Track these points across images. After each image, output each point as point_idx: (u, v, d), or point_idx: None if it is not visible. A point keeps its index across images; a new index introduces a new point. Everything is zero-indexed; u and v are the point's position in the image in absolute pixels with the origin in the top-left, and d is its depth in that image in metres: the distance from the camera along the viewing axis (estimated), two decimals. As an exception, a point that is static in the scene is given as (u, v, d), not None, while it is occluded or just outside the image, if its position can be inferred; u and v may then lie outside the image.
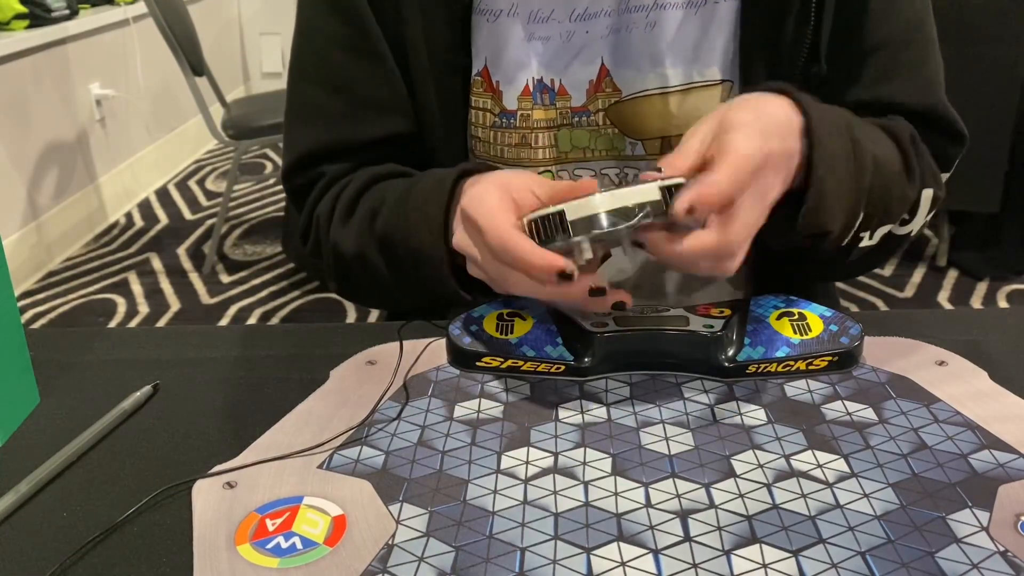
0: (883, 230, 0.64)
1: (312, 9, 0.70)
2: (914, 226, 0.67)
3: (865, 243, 0.64)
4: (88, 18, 2.94)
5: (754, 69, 0.66)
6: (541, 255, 0.49)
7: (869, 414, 0.51)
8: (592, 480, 0.46)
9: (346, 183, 0.70)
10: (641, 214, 0.49)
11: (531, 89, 0.68)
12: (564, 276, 0.49)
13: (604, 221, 0.49)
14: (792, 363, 0.56)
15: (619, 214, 0.49)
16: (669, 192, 0.49)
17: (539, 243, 0.50)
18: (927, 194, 0.66)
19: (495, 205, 0.51)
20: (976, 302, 2.25)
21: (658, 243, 0.51)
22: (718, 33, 0.66)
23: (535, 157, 0.69)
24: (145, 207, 3.18)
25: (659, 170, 0.52)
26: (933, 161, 0.67)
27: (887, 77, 0.67)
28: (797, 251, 0.61)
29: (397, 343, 0.60)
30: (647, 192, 0.49)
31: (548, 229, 0.50)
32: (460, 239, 0.56)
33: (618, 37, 0.67)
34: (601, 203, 0.49)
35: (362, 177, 0.69)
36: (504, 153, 0.70)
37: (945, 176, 0.69)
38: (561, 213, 0.49)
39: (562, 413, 0.52)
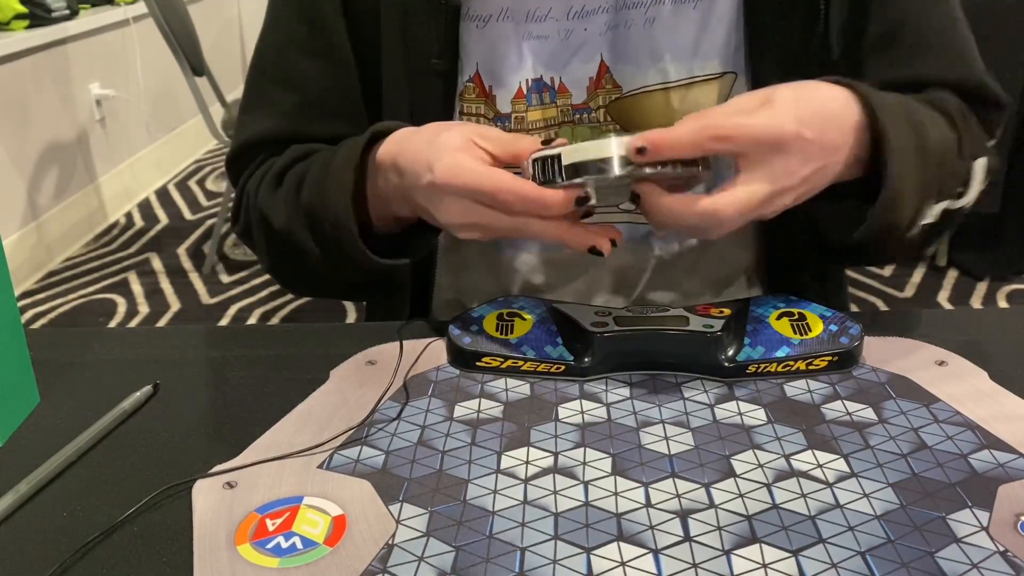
0: (941, 206, 0.63)
1: (278, 5, 0.71)
2: (969, 198, 0.66)
3: (926, 221, 0.62)
4: (88, 18, 2.94)
5: (765, 62, 0.65)
6: (554, 193, 0.51)
7: (869, 414, 0.51)
8: (592, 480, 0.46)
9: (277, 158, 0.70)
10: (632, 166, 0.51)
11: (524, 91, 0.68)
12: (581, 202, 0.51)
13: (595, 168, 0.51)
14: (792, 363, 0.56)
15: (611, 163, 0.51)
16: None
17: (538, 184, 0.52)
18: (980, 163, 0.65)
19: (479, 167, 0.53)
20: (976, 302, 2.25)
21: (650, 193, 0.53)
22: (718, 26, 0.66)
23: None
24: (145, 207, 3.19)
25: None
26: (981, 129, 0.67)
27: (915, 55, 0.66)
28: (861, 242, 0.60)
29: (397, 343, 0.60)
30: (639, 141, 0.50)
31: (546, 171, 0.52)
32: (449, 212, 0.55)
33: (616, 33, 0.67)
34: (596, 150, 0.51)
35: (293, 150, 0.69)
36: None
37: (991, 143, 0.69)
38: (557, 157, 0.51)
39: (562, 413, 0.52)
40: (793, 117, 0.51)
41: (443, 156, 0.53)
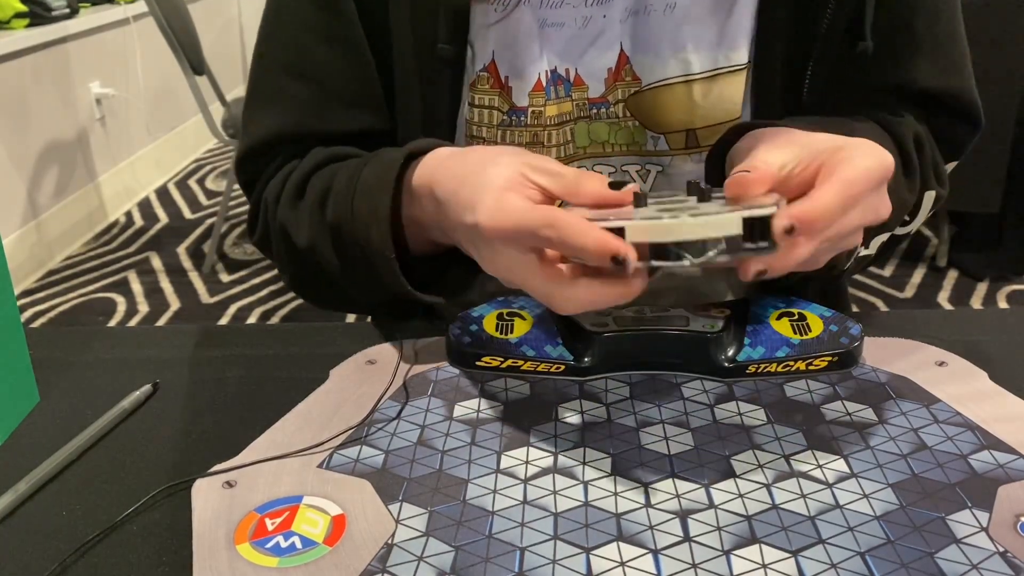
0: (881, 238, 0.62)
1: None
2: (913, 226, 0.66)
3: (863, 253, 0.62)
4: (88, 17, 2.94)
5: (773, 52, 0.63)
6: (596, 234, 0.42)
7: (869, 414, 0.51)
8: (592, 480, 0.46)
9: (296, 164, 0.65)
10: (715, 251, 0.41)
11: (544, 84, 0.64)
12: (618, 262, 0.42)
13: (671, 253, 0.42)
14: (792, 363, 0.56)
15: (690, 247, 0.42)
16: (752, 224, 0.41)
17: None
18: (929, 195, 0.64)
19: (526, 205, 0.46)
20: (976, 303, 2.25)
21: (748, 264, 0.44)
22: (744, 12, 0.62)
23: (548, 156, 0.64)
24: (145, 206, 3.18)
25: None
26: (940, 156, 0.65)
27: (911, 56, 0.64)
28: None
29: (397, 343, 0.60)
30: (727, 224, 0.41)
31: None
32: (495, 262, 0.49)
33: (636, 20, 0.63)
34: (672, 230, 0.41)
35: (314, 156, 0.64)
36: None
37: (952, 165, 0.67)
38: (620, 231, 0.42)
39: (562, 413, 0.52)
40: (871, 154, 0.46)
41: (487, 195, 0.47)
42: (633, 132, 0.66)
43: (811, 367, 0.56)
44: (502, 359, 0.56)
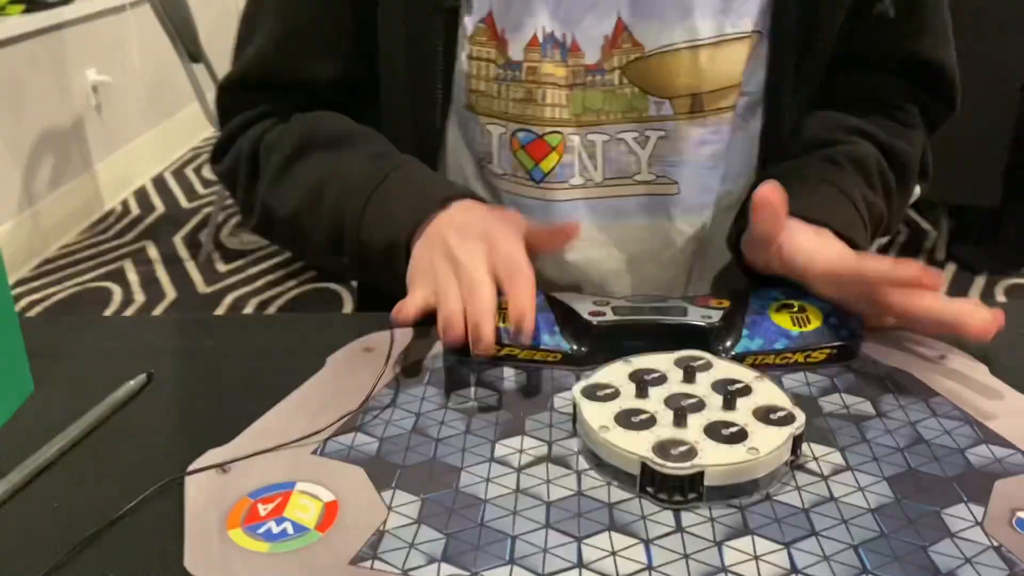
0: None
1: None
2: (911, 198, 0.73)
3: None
4: (85, 3, 2.92)
5: (789, 20, 0.63)
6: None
7: (867, 407, 0.51)
8: (585, 469, 0.46)
9: (282, 130, 0.68)
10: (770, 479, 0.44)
11: (540, 40, 0.63)
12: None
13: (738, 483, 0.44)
14: (790, 355, 0.55)
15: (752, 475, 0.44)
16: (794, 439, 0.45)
17: (656, 489, 0.43)
18: (916, 189, 0.71)
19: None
20: (974, 296, 2.25)
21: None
22: None
23: (542, 116, 0.65)
24: (141, 195, 3.17)
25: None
26: (918, 156, 0.70)
27: (917, 31, 0.67)
28: None
29: (394, 331, 0.60)
30: (783, 449, 0.44)
31: (675, 479, 0.43)
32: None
33: None
34: (741, 468, 0.43)
35: (298, 130, 0.67)
36: (509, 108, 0.65)
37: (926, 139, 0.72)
38: (700, 474, 0.43)
39: (557, 402, 0.52)
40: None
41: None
42: (632, 99, 0.65)
43: (810, 360, 0.55)
44: (498, 348, 0.56)
